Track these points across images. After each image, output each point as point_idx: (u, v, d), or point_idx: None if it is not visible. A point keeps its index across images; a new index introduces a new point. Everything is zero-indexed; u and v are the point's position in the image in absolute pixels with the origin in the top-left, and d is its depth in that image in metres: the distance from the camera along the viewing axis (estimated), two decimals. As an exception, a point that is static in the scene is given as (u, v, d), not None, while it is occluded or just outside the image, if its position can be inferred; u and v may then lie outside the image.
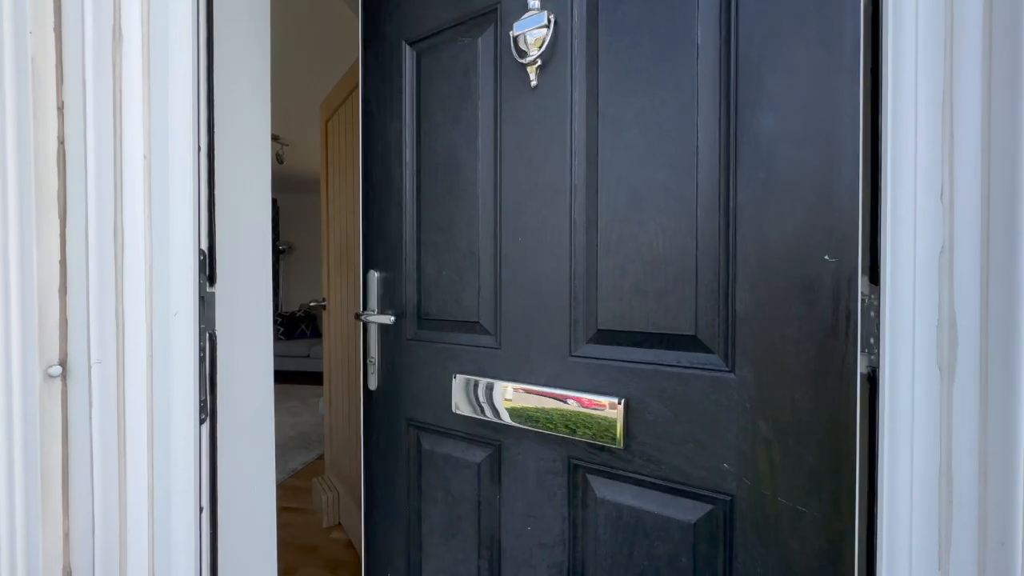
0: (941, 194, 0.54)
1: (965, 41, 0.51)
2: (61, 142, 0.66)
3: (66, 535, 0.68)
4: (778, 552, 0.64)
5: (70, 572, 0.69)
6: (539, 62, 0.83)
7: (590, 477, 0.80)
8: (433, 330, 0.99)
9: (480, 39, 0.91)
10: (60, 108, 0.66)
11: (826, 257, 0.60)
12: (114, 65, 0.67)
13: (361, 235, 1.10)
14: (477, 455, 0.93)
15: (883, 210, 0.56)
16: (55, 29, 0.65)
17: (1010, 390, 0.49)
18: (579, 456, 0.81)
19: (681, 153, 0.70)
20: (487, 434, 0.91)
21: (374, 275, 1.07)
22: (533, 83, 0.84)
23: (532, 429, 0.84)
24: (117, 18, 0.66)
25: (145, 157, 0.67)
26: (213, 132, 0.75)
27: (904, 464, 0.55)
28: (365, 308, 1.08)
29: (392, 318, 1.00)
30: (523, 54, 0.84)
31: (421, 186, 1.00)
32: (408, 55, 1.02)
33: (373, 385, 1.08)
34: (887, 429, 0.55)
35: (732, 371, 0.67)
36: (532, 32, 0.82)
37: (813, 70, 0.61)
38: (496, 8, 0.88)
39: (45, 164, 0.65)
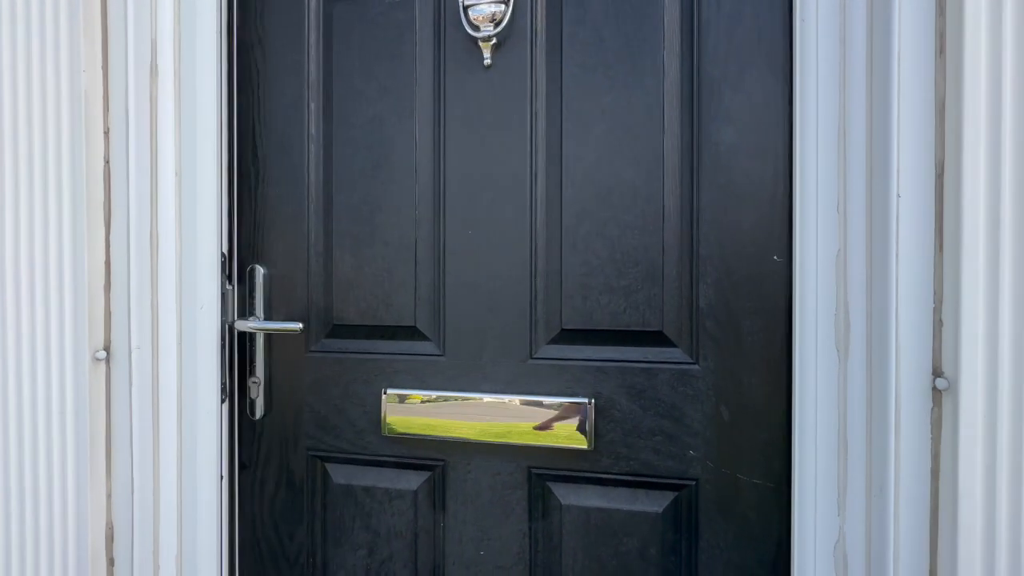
0: (837, 206, 0.66)
1: (853, 86, 0.63)
2: (107, 161, 0.77)
3: (108, 495, 0.78)
4: (737, 525, 0.70)
5: (112, 527, 0.78)
6: (494, 40, 0.76)
7: (552, 485, 0.76)
8: (350, 338, 0.82)
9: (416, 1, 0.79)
10: (106, 133, 0.77)
11: (775, 257, 0.69)
12: (151, 97, 0.78)
13: (227, 219, 0.85)
14: (412, 482, 0.81)
15: (794, 218, 0.66)
16: (103, 67, 0.77)
17: (887, 365, 0.62)
18: (540, 464, 0.76)
19: (648, 155, 0.72)
20: (426, 454, 0.80)
21: (260, 271, 0.84)
22: (487, 61, 0.77)
23: (487, 441, 0.76)
24: (154, 57, 0.78)
25: (177, 174, 0.78)
26: (234, 151, 0.84)
27: (810, 428, 0.65)
28: (247, 314, 0.84)
29: (300, 325, 0.79)
30: (475, 27, 0.76)
31: (333, 164, 0.82)
32: (318, 2, 0.83)
33: (258, 413, 0.84)
34: (797, 400, 0.66)
35: (696, 363, 0.71)
36: (487, 6, 0.75)
37: (766, 94, 0.69)
38: (445, -26, 0.78)
39: (94, 180, 0.76)
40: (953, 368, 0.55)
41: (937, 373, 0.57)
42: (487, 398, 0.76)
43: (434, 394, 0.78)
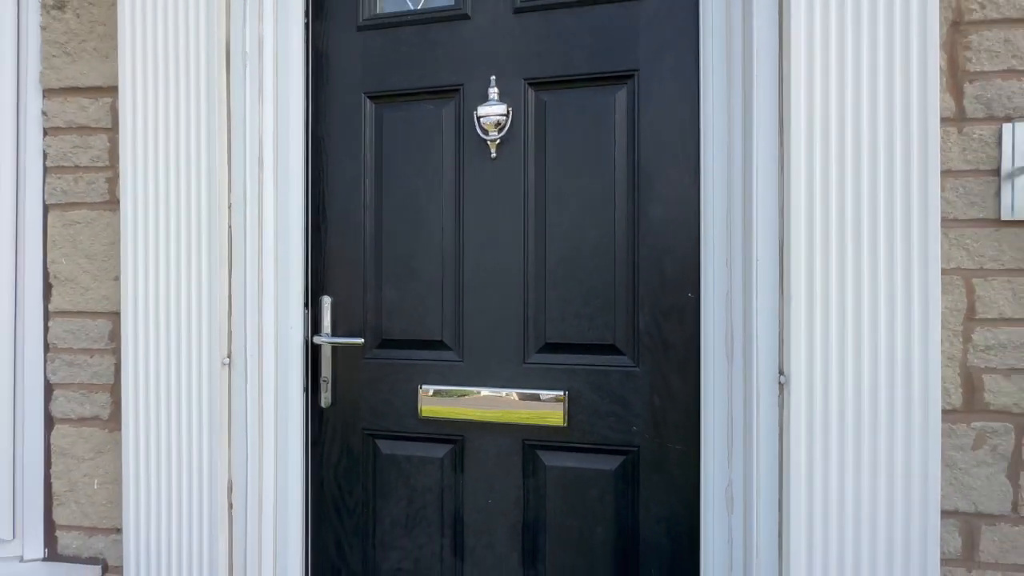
0: (727, 262, 0.98)
1: (734, 187, 0.95)
2: (229, 227, 1.09)
3: (229, 461, 1.09)
4: (665, 478, 1.03)
5: (231, 482, 1.09)
6: (498, 140, 1.08)
7: (539, 452, 1.09)
8: (394, 349, 1.14)
9: (444, 109, 1.12)
10: (229, 207, 1.08)
11: (689, 294, 1.02)
12: (258, 180, 1.10)
13: (304, 262, 1.17)
14: (439, 451, 1.13)
15: (701, 269, 0.99)
16: (227, 161, 1.08)
17: (753, 367, 0.93)
18: (531, 437, 1.09)
19: (605, 222, 1.05)
20: (449, 432, 1.12)
21: (326, 300, 1.16)
22: (493, 155, 1.09)
23: (494, 422, 1.08)
24: (260, 152, 1.10)
25: (275, 235, 1.13)
26: (310, 214, 1.17)
27: (710, 409, 0.97)
28: (318, 332, 1.16)
29: (361, 340, 1.12)
30: (485, 132, 1.08)
31: (382, 223, 1.15)
32: (368, 106, 1.15)
33: (326, 403, 1.16)
34: (703, 391, 0.98)
35: (637, 366, 1.04)
36: (493, 116, 1.07)
37: (683, 185, 1.01)
38: (460, 88, 1.11)
39: (222, 240, 1.07)
40: (788, 369, 0.87)
41: (781, 372, 0.90)
42: (493, 391, 1.08)
43: (455, 388, 1.10)
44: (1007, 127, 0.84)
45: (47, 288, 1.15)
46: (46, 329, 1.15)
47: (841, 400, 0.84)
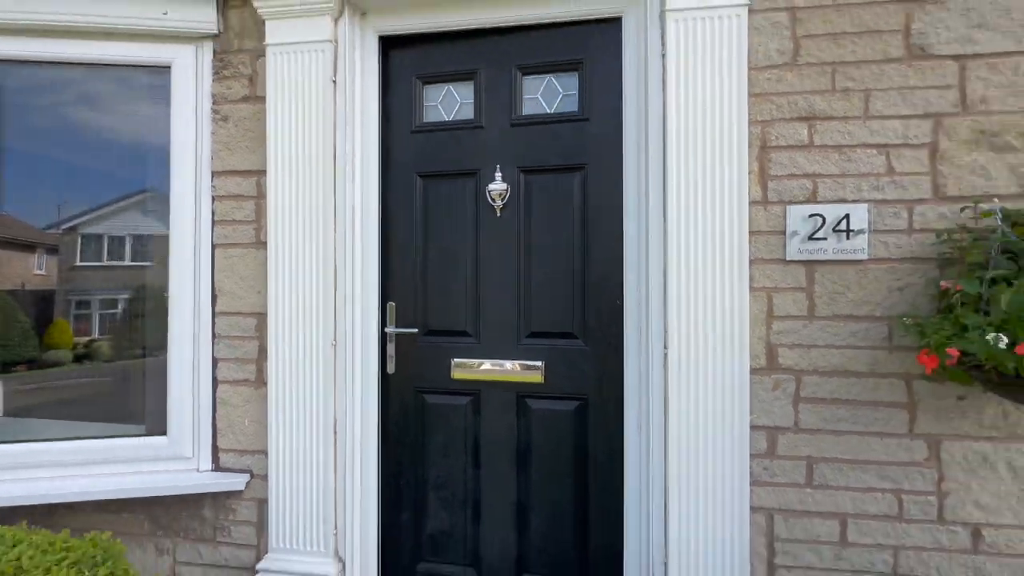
0: (638, 286, 1.63)
1: (630, 235, 1.60)
2: (335, 259, 1.71)
3: (335, 406, 1.71)
4: (603, 417, 1.67)
5: (335, 419, 1.70)
6: (501, 204, 1.74)
7: (527, 399, 1.73)
8: (436, 336, 1.79)
9: (467, 184, 1.78)
10: (335, 246, 1.71)
11: (617, 301, 1.66)
12: (352, 228, 1.77)
13: (379, 280, 1.81)
14: (465, 402, 1.78)
15: (624, 286, 1.63)
16: (333, 219, 1.63)
17: (651, 344, 1.58)
18: (522, 391, 1.73)
19: (567, 259, 1.70)
20: (471, 387, 1.76)
21: (392, 305, 1.81)
22: (498, 214, 1.74)
23: (498, 381, 1.73)
24: (353, 211, 1.76)
25: (362, 264, 1.80)
26: (382, 253, 1.77)
27: (630, 373, 1.61)
28: (387, 324, 1.81)
29: (416, 329, 1.77)
30: (492, 199, 1.74)
31: (428, 257, 1.80)
32: (418, 181, 1.81)
33: (390, 370, 1.81)
34: (625, 362, 1.62)
35: (588, 347, 1.69)
36: (498, 190, 1.73)
37: (613, 235, 1.66)
38: (477, 171, 1.76)
39: (329, 267, 1.70)
40: (668, 345, 1.51)
41: (665, 346, 1.54)
42: (498, 363, 1.73)
43: (474, 361, 1.75)
44: (789, 207, 1.48)
45: (214, 298, 1.81)
46: (214, 324, 1.80)
47: (696, 363, 1.49)
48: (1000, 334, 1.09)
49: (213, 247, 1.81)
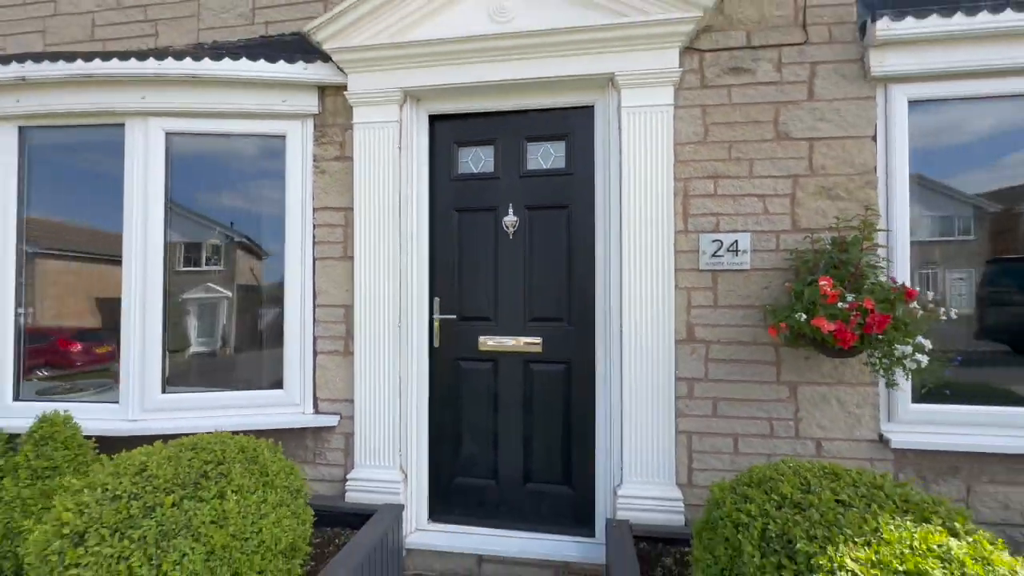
0: (607, 292, 2.43)
1: (608, 255, 2.40)
2: (400, 269, 2.46)
3: (399, 369, 2.52)
4: (582, 374, 2.47)
5: (400, 377, 2.54)
6: (512, 231, 2.54)
7: (531, 364, 2.54)
8: (468, 321, 2.60)
9: (489, 217, 2.58)
10: (400, 259, 2.31)
11: (591, 297, 2.46)
12: (412, 247, 2.54)
13: (429, 283, 2.62)
14: (488, 366, 2.58)
15: (596, 290, 2.43)
16: (398, 240, 2.24)
17: (613, 328, 2.37)
18: (528, 359, 2.54)
19: (558, 270, 2.50)
20: (492, 356, 2.57)
21: (437, 299, 2.62)
22: (511, 238, 2.55)
23: (511, 352, 2.54)
24: (411, 235, 2.53)
25: (417, 272, 2.45)
26: (430, 262, 2.44)
27: (601, 343, 2.40)
28: (433, 313, 2.61)
29: (454, 316, 2.58)
30: (507, 228, 2.54)
31: (463, 266, 2.61)
32: (455, 215, 2.62)
33: (436, 344, 2.61)
34: (596, 337, 2.41)
35: (571, 327, 2.49)
36: (510, 221, 2.53)
37: (587, 258, 2.47)
38: (496, 208, 2.57)
39: (396, 273, 2.29)
40: (622, 328, 2.31)
41: (621, 329, 2.33)
42: (512, 338, 2.53)
43: (494, 338, 2.55)
44: (701, 235, 2.28)
45: (315, 295, 2.62)
46: (314, 313, 2.61)
47: (641, 337, 2.28)
48: (803, 313, 1.89)
49: (314, 260, 2.62)
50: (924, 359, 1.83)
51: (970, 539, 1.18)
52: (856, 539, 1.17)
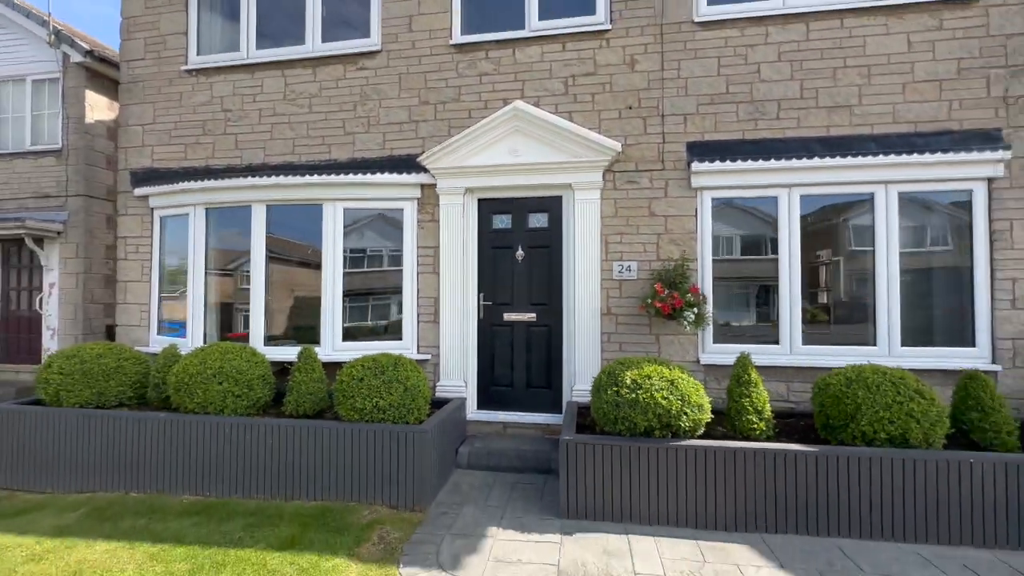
0: (572, 289, 4.82)
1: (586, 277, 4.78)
2: (463, 278, 4.81)
3: (464, 332, 4.92)
4: (558, 332, 4.85)
5: (463, 333, 4.85)
6: (521, 258, 4.95)
7: (530, 327, 4.94)
8: (497, 305, 5.01)
9: (508, 252, 4.99)
10: (464, 272, 4.70)
11: (561, 292, 4.86)
12: (466, 268, 4.74)
13: (476, 284, 5.02)
14: (507, 328, 4.99)
15: (563, 289, 4.81)
16: (463, 263, 4.72)
17: (596, 306, 4.74)
18: (529, 324, 4.94)
19: (545, 279, 4.90)
20: (510, 323, 4.97)
21: (480, 293, 5.03)
22: (519, 262, 4.96)
23: (519, 320, 4.94)
24: (467, 262, 4.75)
25: (473, 280, 4.89)
26: (480, 273, 4.82)
27: (569, 317, 4.77)
28: (479, 301, 5.02)
29: (491, 302, 4.99)
30: (518, 257, 4.95)
31: (494, 275, 5.02)
32: (490, 250, 5.03)
33: (481, 316, 5.02)
34: (564, 312, 4.79)
35: (550, 307, 4.88)
36: (520, 254, 4.94)
37: (562, 274, 4.87)
38: (512, 247, 4.98)
39: (462, 281, 4.70)
40: (576, 306, 4.70)
41: (575, 306, 4.72)
42: (521, 314, 4.94)
43: (511, 313, 4.96)
44: (613, 262, 4.66)
45: (418, 292, 5.03)
46: (418, 301, 5.03)
47: (584, 312, 4.66)
48: (649, 299, 4.27)
49: (418, 273, 5.04)
50: (692, 317, 4.18)
51: (673, 369, 3.55)
52: (634, 370, 3.55)
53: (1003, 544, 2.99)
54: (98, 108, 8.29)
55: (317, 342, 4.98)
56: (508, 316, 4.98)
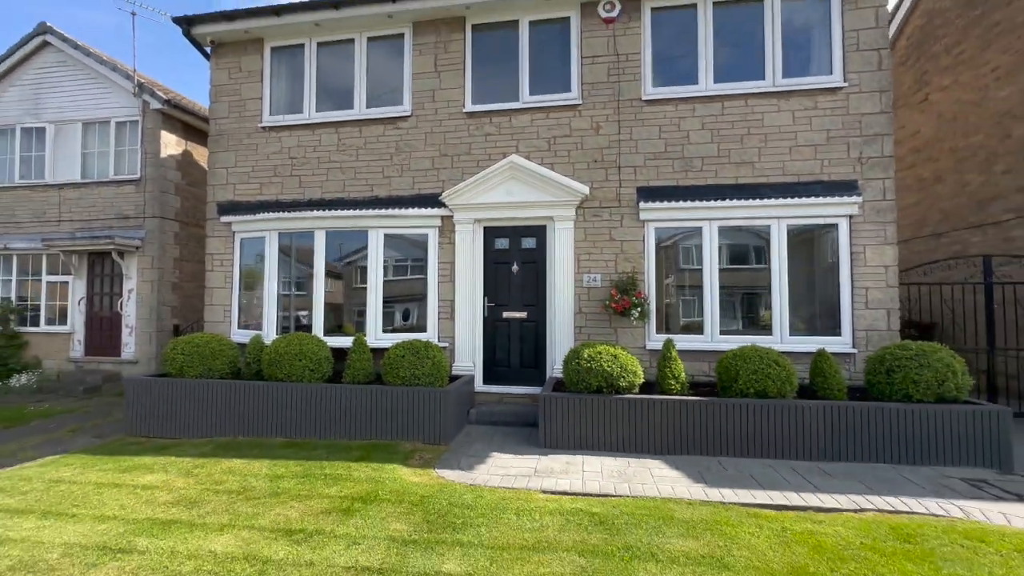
0: (552, 295, 6.49)
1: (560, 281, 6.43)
2: (473, 283, 6.44)
3: (474, 327, 6.63)
4: (543, 325, 6.51)
5: (472, 326, 6.54)
6: (516, 271, 6.63)
7: (523, 322, 6.60)
8: (498, 305, 6.68)
9: (506, 266, 6.68)
10: (476, 281, 6.42)
11: (546, 296, 6.53)
12: (476, 278, 6.48)
13: (483, 290, 6.69)
14: (505, 323, 6.66)
15: (547, 294, 6.47)
16: (474, 271, 6.45)
17: (552, 311, 6.39)
18: (522, 320, 6.60)
19: (535, 286, 6.58)
20: (507, 319, 6.64)
21: (486, 297, 6.70)
22: (515, 273, 6.64)
23: (515, 317, 6.61)
24: (477, 274, 6.47)
25: (480, 286, 6.58)
26: (485, 283, 6.54)
27: (553, 315, 6.42)
28: (485, 302, 6.70)
29: (493, 304, 6.66)
30: (514, 271, 6.63)
31: (496, 285, 6.70)
32: (492, 265, 6.72)
33: (485, 315, 6.69)
34: (548, 311, 6.44)
35: (537, 307, 6.55)
36: (515, 268, 6.63)
37: (543, 285, 6.55)
38: (510, 262, 6.66)
39: (470, 287, 6.39)
40: (557, 306, 6.36)
41: (556, 306, 6.38)
42: (516, 312, 6.61)
43: (508, 312, 6.63)
44: (583, 274, 6.33)
45: (439, 296, 6.71)
46: (439, 303, 6.70)
47: (562, 310, 6.33)
48: (608, 300, 5.94)
49: (438, 282, 6.72)
50: (637, 314, 5.84)
51: (618, 349, 5.21)
52: (590, 349, 5.20)
53: (820, 458, 4.62)
54: (169, 145, 10.10)
55: (364, 332, 6.65)
56: (506, 314, 6.64)
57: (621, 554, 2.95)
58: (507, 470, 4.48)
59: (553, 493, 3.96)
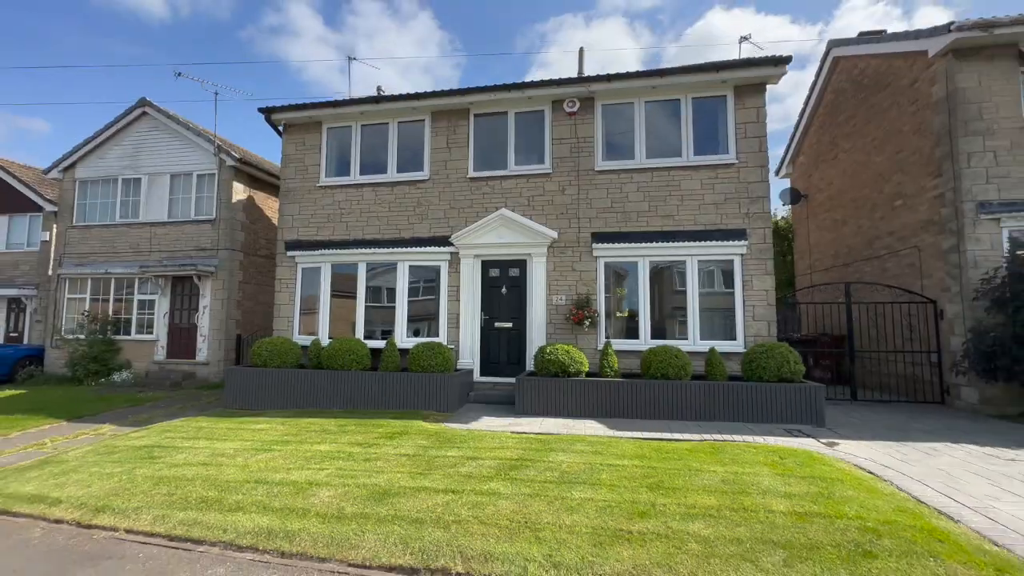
0: (533, 310, 8.85)
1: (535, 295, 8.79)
2: (474, 303, 8.88)
3: (475, 334, 9.04)
4: (525, 332, 8.86)
5: (472, 333, 8.91)
6: (504, 293, 9.03)
7: (509, 330, 8.97)
8: (491, 318, 9.06)
9: (498, 289, 9.09)
10: (474, 300, 8.86)
11: (526, 312, 8.89)
12: (477, 297, 8.95)
13: (481, 306, 9.08)
14: (495, 331, 9.03)
15: (527, 308, 8.82)
16: (474, 291, 8.91)
17: (531, 324, 8.73)
18: (509, 328, 8.97)
19: (519, 305, 8.96)
20: (498, 328, 9.01)
21: (482, 312, 9.09)
22: (504, 295, 9.04)
23: (503, 327, 8.99)
24: (475, 296, 8.94)
25: (478, 304, 8.98)
26: (482, 301, 8.98)
27: (531, 325, 8.75)
28: (482, 316, 9.08)
29: (488, 317, 9.05)
30: (503, 292, 9.03)
31: (490, 302, 9.09)
32: (489, 288, 9.14)
33: (481, 325, 9.06)
34: (528, 320, 8.78)
35: (520, 319, 8.92)
36: (503, 291, 9.03)
37: (525, 303, 8.94)
38: (501, 286, 9.07)
39: (471, 307, 8.84)
40: (533, 318, 8.71)
41: (532, 318, 8.74)
42: (504, 323, 8.98)
43: (499, 323, 9.00)
44: (552, 296, 8.70)
45: (448, 310, 9.11)
46: (448, 314, 9.10)
47: (539, 322, 8.67)
48: (569, 314, 8.29)
49: (448, 300, 9.13)
50: (587, 324, 8.18)
51: (571, 347, 7.55)
52: (551, 346, 7.54)
53: (701, 418, 6.86)
54: (238, 192, 12.81)
55: (393, 337, 9.06)
56: (497, 324, 9.01)
57: (546, 449, 5.26)
58: (491, 424, 6.79)
59: (518, 432, 6.26)
